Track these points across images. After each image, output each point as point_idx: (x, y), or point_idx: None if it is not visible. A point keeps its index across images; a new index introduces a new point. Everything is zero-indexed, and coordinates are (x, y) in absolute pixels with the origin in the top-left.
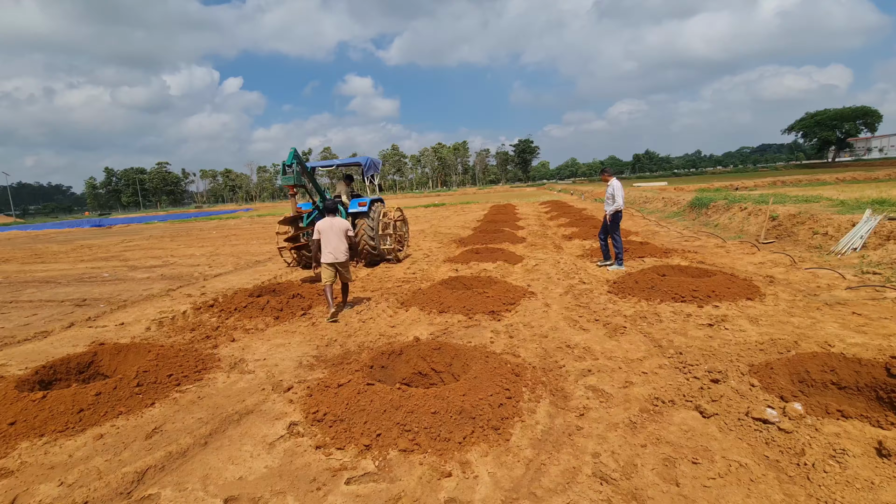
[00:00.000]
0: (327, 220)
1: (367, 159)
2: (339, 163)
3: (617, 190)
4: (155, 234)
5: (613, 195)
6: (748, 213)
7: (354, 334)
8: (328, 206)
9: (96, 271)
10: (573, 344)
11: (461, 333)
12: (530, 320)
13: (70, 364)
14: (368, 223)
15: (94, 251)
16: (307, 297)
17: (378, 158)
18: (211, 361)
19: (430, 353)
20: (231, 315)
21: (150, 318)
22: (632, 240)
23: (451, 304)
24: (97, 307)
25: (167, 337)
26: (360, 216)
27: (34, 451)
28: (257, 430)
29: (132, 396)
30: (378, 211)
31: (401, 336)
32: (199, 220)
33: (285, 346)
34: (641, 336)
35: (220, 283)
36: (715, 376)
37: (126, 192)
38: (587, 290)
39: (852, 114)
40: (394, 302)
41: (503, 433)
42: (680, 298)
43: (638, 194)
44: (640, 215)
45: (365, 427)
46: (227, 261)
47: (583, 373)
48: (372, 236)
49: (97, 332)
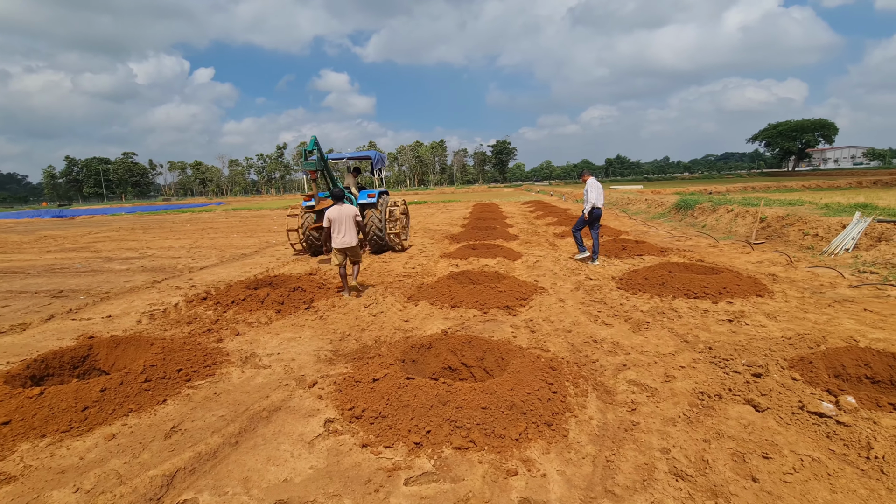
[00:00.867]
0: (336, 207)
1: (377, 154)
2: (350, 156)
3: (591, 189)
4: (125, 226)
5: (587, 192)
6: (735, 214)
7: (368, 328)
8: (336, 194)
9: (67, 262)
10: (600, 339)
11: (479, 328)
12: (548, 315)
13: (63, 358)
14: (376, 214)
15: (59, 242)
16: (308, 290)
17: (384, 154)
18: (219, 356)
19: (461, 346)
20: (229, 308)
21: (139, 311)
22: (626, 238)
23: (462, 299)
24: (77, 299)
25: (162, 330)
26: (369, 207)
27: (38, 454)
28: (292, 428)
29: (141, 393)
30: (385, 202)
31: (417, 331)
32: (169, 212)
33: (297, 340)
34: (666, 331)
35: (208, 275)
36: (756, 370)
37: (88, 182)
38: (597, 286)
39: (811, 126)
40: (400, 296)
41: (557, 429)
42: (693, 295)
43: (620, 196)
44: (625, 216)
45: (411, 423)
46: (210, 253)
47: (619, 367)
48: (380, 226)
49: (83, 325)
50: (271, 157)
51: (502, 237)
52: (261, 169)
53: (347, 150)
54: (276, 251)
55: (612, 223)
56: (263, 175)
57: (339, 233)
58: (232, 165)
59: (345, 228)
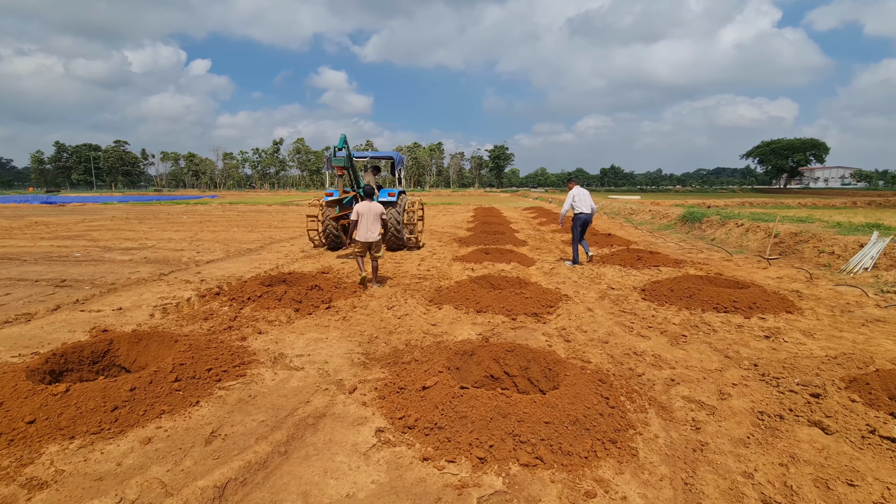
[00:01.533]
0: (365, 203)
1: (399, 155)
2: (373, 155)
3: (577, 196)
4: (118, 215)
5: (573, 201)
6: (745, 229)
7: (395, 331)
8: (367, 190)
9: (65, 250)
10: (640, 351)
11: (510, 335)
12: (580, 324)
13: (83, 352)
14: (396, 212)
15: (52, 229)
16: (325, 289)
17: (404, 156)
18: (246, 355)
19: (504, 355)
20: (245, 305)
21: (150, 304)
22: (639, 249)
23: (488, 304)
24: (82, 289)
25: (178, 326)
26: (389, 205)
27: (69, 458)
28: (342, 437)
29: (172, 393)
30: (404, 201)
31: (447, 335)
32: (162, 203)
33: (323, 340)
34: (705, 346)
35: (217, 269)
36: (813, 391)
37: (77, 169)
38: (622, 296)
39: (802, 145)
40: (421, 298)
41: (624, 447)
42: (723, 309)
43: (622, 206)
44: (630, 225)
45: (472, 437)
46: (214, 247)
47: (668, 382)
48: (399, 224)
49: (93, 317)
50: (267, 151)
51: (511, 242)
52: (256, 163)
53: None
54: (282, 247)
55: (619, 233)
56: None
57: (365, 227)
58: (226, 159)
59: (370, 223)
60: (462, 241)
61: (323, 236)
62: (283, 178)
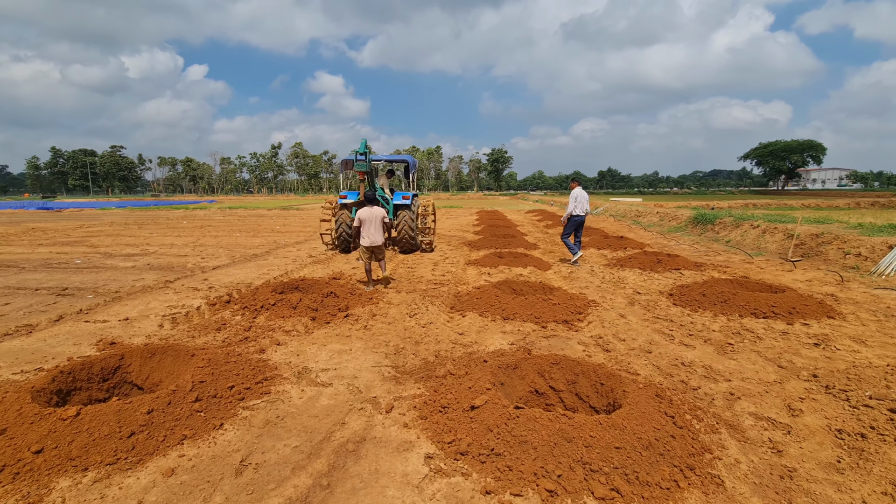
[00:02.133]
0: (367, 209)
1: (412, 159)
2: (388, 158)
3: (579, 197)
4: (117, 221)
5: (575, 200)
6: (762, 230)
7: (422, 341)
8: (369, 196)
9: (64, 257)
10: (688, 362)
11: (544, 344)
12: (615, 332)
13: (92, 369)
14: (410, 215)
15: (49, 235)
16: (341, 296)
17: (416, 160)
18: (268, 369)
19: (549, 367)
20: (259, 313)
21: (158, 314)
22: (656, 252)
23: (515, 311)
24: (85, 298)
25: (190, 337)
26: (403, 208)
27: (83, 494)
28: (389, 466)
29: (192, 415)
30: (418, 204)
31: (477, 345)
32: (161, 208)
33: (348, 352)
34: (754, 354)
35: (224, 276)
36: (891, 405)
37: (73, 175)
38: (651, 301)
39: (799, 146)
40: (442, 305)
41: (705, 475)
42: (762, 314)
43: (627, 208)
44: (639, 228)
45: (535, 465)
46: (218, 252)
47: (728, 397)
48: (412, 228)
49: (99, 329)
50: (265, 156)
51: (523, 246)
52: (254, 168)
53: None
54: (289, 252)
55: (630, 235)
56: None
57: (368, 232)
58: (224, 163)
59: (373, 228)
60: (472, 245)
61: (336, 239)
62: (282, 183)
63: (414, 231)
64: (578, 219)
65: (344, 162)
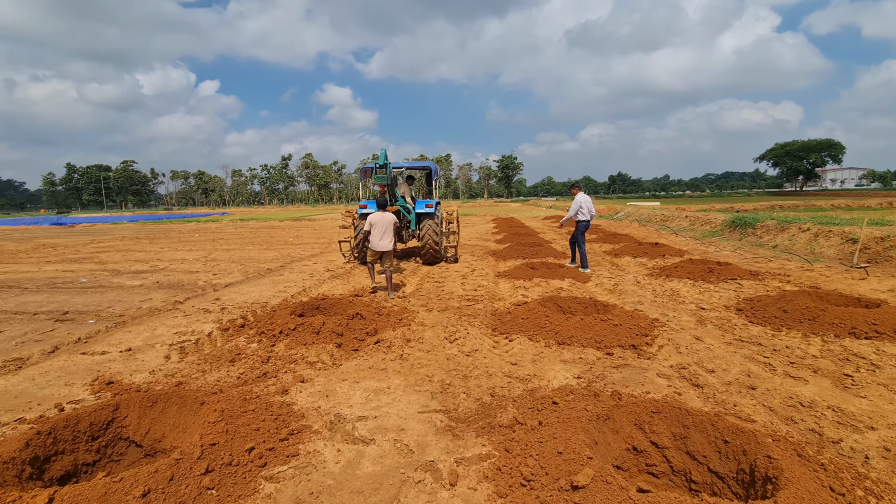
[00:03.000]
0: (378, 214)
1: (434, 165)
2: (409, 165)
3: (584, 203)
4: (128, 235)
5: (580, 207)
6: (813, 234)
7: (471, 375)
8: (380, 202)
9: (70, 275)
10: (807, 402)
11: (616, 378)
12: (698, 360)
13: (79, 426)
14: (434, 224)
15: (60, 251)
16: (368, 317)
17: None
18: (293, 419)
19: (648, 418)
20: (278, 340)
21: (165, 342)
22: (705, 259)
23: (570, 334)
24: (85, 323)
25: (201, 371)
26: (427, 217)
27: None
28: None
29: (202, 494)
30: (440, 213)
31: (537, 379)
32: (173, 222)
33: (385, 392)
34: (883, 389)
35: (238, 295)
36: None
37: (88, 190)
38: (722, 319)
39: (818, 146)
40: (482, 326)
41: None
42: (863, 334)
43: (650, 212)
44: (668, 233)
45: None
46: (231, 268)
47: (884, 453)
48: (437, 238)
49: (97, 363)
50: (275, 168)
51: (551, 255)
52: (264, 179)
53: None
54: (305, 266)
55: (663, 241)
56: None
57: (378, 237)
58: (235, 176)
59: (383, 233)
60: (498, 255)
61: (355, 248)
62: (292, 194)
63: (439, 241)
64: (588, 223)
65: (363, 170)
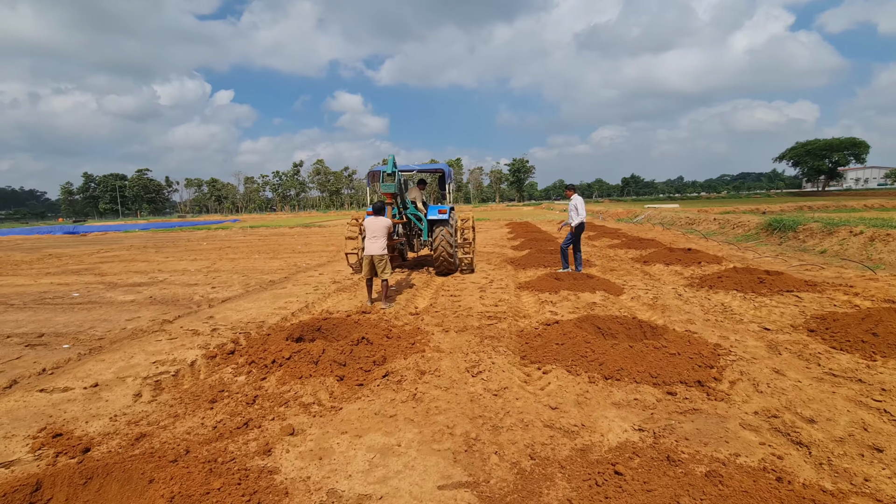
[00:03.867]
0: (372, 218)
1: (448, 168)
2: (420, 168)
3: (579, 205)
4: (136, 244)
5: (576, 208)
6: (867, 238)
7: (501, 424)
8: (377, 206)
9: (64, 289)
10: None
11: (688, 430)
12: (789, 403)
13: None
14: (448, 231)
15: (63, 262)
16: (375, 341)
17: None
18: (271, 497)
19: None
20: (269, 372)
21: (139, 375)
22: (743, 267)
23: (618, 365)
24: (58, 349)
25: (172, 418)
26: (440, 224)
27: None
28: None
29: None
30: (455, 219)
31: (586, 431)
32: (184, 229)
33: (395, 452)
34: None
35: (232, 311)
36: None
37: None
38: (796, 343)
39: (841, 144)
40: (509, 353)
41: None
42: None
43: (673, 215)
44: (696, 237)
45: None
46: (232, 279)
47: None
48: (451, 246)
49: (54, 405)
50: (287, 174)
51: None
52: (276, 186)
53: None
54: (310, 277)
55: (695, 246)
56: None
57: (369, 240)
58: (247, 183)
59: (374, 237)
60: (517, 264)
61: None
62: (304, 200)
63: (453, 250)
64: (583, 225)
65: (371, 174)
